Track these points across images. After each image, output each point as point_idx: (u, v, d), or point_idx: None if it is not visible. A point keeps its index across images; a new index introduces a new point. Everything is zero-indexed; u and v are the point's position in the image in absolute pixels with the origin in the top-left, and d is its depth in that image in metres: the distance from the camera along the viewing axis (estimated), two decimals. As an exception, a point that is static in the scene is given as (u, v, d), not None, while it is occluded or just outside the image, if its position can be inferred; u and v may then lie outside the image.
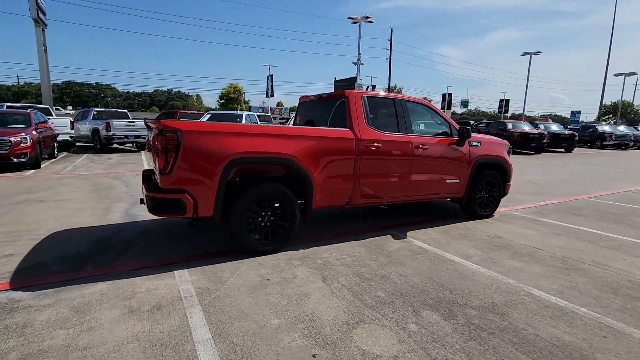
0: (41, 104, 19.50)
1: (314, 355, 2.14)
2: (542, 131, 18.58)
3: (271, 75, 36.04)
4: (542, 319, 2.63)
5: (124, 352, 2.14)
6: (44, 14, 21.73)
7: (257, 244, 3.71)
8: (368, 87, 42.38)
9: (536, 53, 31.19)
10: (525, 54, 31.35)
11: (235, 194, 3.61)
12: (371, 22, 21.59)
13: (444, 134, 5.11)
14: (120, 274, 3.21)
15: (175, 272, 3.28)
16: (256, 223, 3.70)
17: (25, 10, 20.29)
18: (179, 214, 3.38)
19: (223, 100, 47.05)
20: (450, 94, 45.02)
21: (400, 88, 58.87)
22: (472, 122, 26.33)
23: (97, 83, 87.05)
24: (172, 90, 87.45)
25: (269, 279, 3.18)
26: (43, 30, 21.68)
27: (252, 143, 3.56)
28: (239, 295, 2.87)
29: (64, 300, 2.73)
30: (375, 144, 4.29)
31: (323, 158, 3.96)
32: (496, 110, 50.29)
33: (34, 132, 9.41)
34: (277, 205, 3.78)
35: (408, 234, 4.59)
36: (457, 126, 5.15)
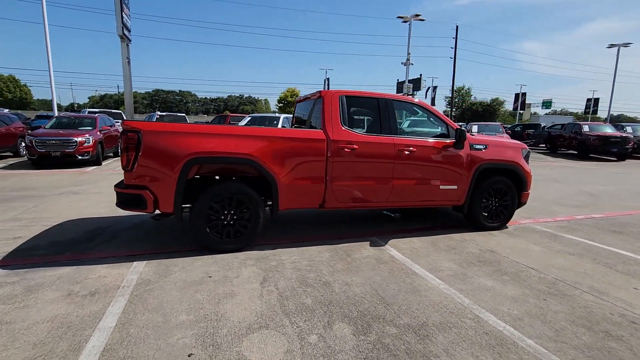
0: (135, 110, 22.25)
1: (189, 355, 2.14)
2: (625, 134, 16.00)
3: (327, 79, 36.51)
4: (468, 347, 2.29)
5: (33, 330, 2.36)
6: (129, 31, 24.71)
7: (219, 242, 3.80)
8: (429, 88, 40.62)
9: (626, 45, 26.86)
10: (611, 45, 27.22)
11: (197, 192, 3.75)
12: (422, 19, 20.57)
13: (441, 136, 4.70)
14: (88, 261, 3.53)
15: (135, 262, 3.51)
16: (218, 221, 3.79)
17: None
18: (141, 209, 3.61)
19: (281, 104, 48.82)
20: (524, 94, 40.95)
21: (468, 88, 55.27)
22: (542, 124, 23.73)
23: (180, 90, 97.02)
24: (243, 95, 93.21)
25: (210, 276, 3.25)
26: (127, 45, 24.68)
27: (211, 143, 3.66)
28: (170, 289, 2.97)
29: (26, 279, 3.09)
30: (351, 146, 4.12)
31: (289, 159, 3.92)
32: (582, 111, 44.48)
33: (97, 133, 10.78)
34: (240, 204, 3.84)
35: (391, 242, 4.32)
36: (462, 128, 4.70)
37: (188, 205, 3.90)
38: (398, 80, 43.31)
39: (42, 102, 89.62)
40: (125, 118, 17.04)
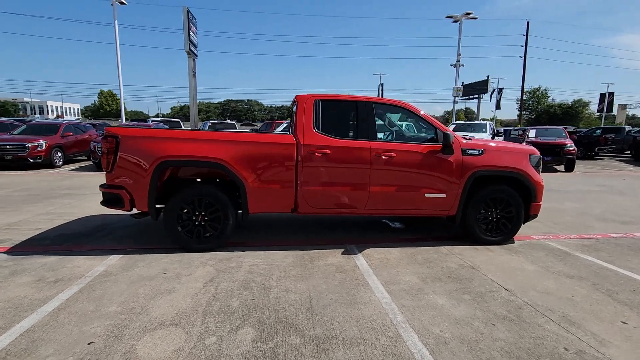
0: (209, 119, 24.42)
1: (89, 343, 2.30)
2: None
3: (381, 84, 35.88)
4: (361, 367, 2.11)
5: (-12, 307, 2.72)
6: (195, 47, 27.10)
7: (190, 242, 3.99)
8: (494, 90, 37.79)
9: None
10: None
11: (170, 193, 3.99)
12: (475, 18, 19.13)
13: (431, 140, 4.38)
14: (75, 252, 3.95)
15: (111, 256, 3.84)
16: (189, 222, 3.99)
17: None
18: (119, 207, 3.95)
19: None
20: (611, 94, 35.83)
21: (545, 89, 50.05)
22: (627, 127, 20.60)
23: (248, 100, 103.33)
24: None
25: (165, 273, 3.43)
26: (193, 59, 27.05)
27: (182, 147, 3.88)
28: (122, 282, 3.21)
29: (17, 264, 3.57)
30: (323, 150, 4.05)
31: (259, 163, 3.98)
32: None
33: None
34: (210, 206, 3.99)
35: (367, 251, 4.13)
36: (449, 131, 4.35)
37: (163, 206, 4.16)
38: (463, 83, 41.06)
39: (134, 112, 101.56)
40: (182, 126, 18.64)
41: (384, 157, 4.14)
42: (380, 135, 4.56)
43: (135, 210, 4.01)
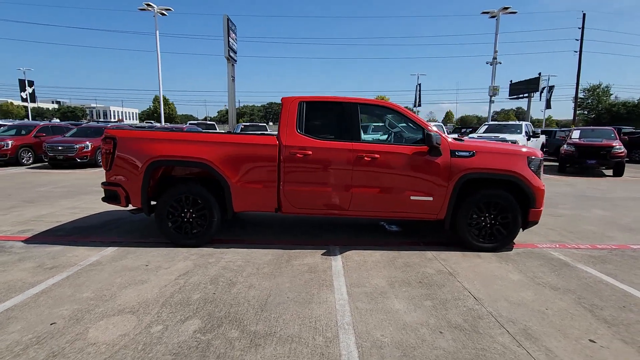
0: (252, 121, 25.53)
1: (51, 323, 2.55)
2: None
3: (419, 85, 34.66)
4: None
5: (-13, 287, 3.10)
6: (235, 53, 28.25)
7: (179, 237, 4.23)
8: (544, 88, 35.31)
9: None
10: None
11: (161, 191, 4.26)
12: (513, 12, 17.82)
13: (419, 142, 4.26)
14: (80, 243, 4.35)
15: (108, 248, 4.18)
16: (178, 218, 4.22)
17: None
18: (117, 203, 4.28)
19: None
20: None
21: (606, 87, 45.62)
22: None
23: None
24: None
25: (147, 265, 3.67)
26: (232, 65, 28.20)
27: (171, 148, 4.12)
28: (106, 272, 3.48)
29: (27, 252, 4.01)
30: (304, 151, 4.10)
31: (242, 163, 4.12)
32: None
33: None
34: (196, 204, 4.20)
35: (348, 253, 4.12)
36: (436, 132, 4.21)
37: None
38: (512, 81, 38.83)
39: (185, 116, 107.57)
40: (216, 129, 19.50)
41: (366, 159, 4.10)
42: (374, 136, 4.53)
43: (131, 207, 4.33)
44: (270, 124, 24.21)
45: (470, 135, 12.78)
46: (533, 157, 4.21)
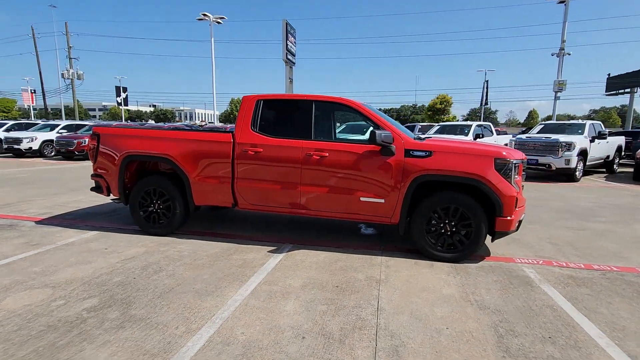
0: None
1: (-14, 289, 3.00)
2: None
3: (487, 82, 31.72)
4: (115, 340, 2.25)
5: (-27, 256, 3.75)
6: (293, 55, 29.17)
7: (147, 226, 4.61)
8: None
9: None
10: None
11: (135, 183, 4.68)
12: None
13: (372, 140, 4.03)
14: (76, 226, 4.97)
15: (93, 232, 4.72)
16: (147, 208, 4.60)
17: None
18: (101, 193, 4.81)
19: (430, 112, 45.45)
20: None
21: None
22: None
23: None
24: (416, 104, 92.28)
25: (107, 249, 4.08)
26: (291, 67, 29.15)
27: (141, 144, 4.50)
28: (70, 251, 3.95)
29: (31, 231, 4.71)
30: (255, 149, 4.17)
31: (200, 159, 4.34)
32: None
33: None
34: (162, 196, 4.53)
35: (296, 252, 4.08)
36: (398, 131, 3.95)
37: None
38: (609, 75, 33.87)
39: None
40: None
41: (315, 157, 4.02)
42: (353, 135, 4.41)
43: (112, 196, 4.82)
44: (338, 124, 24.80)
45: (518, 137, 11.50)
46: (502, 159, 3.70)
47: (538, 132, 11.96)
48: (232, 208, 4.44)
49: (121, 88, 38.65)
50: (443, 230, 3.84)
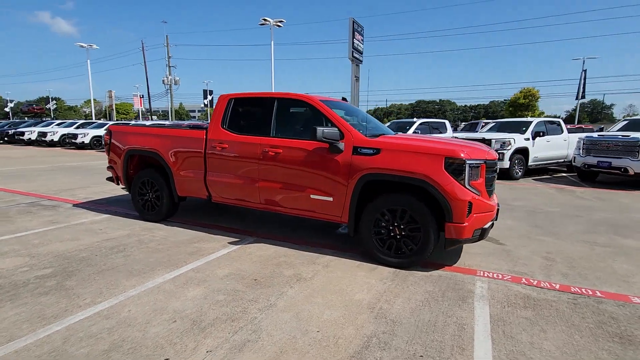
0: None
1: (-12, 253, 3.77)
2: None
3: (584, 71, 26.73)
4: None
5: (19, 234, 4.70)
6: (360, 53, 28.91)
7: (144, 213, 5.19)
8: None
9: None
10: None
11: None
12: None
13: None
14: (96, 210, 5.82)
15: (104, 215, 5.49)
16: (144, 197, 5.18)
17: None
18: (113, 182, 5.56)
19: (511, 108, 39.81)
20: None
21: None
22: None
23: (440, 99, 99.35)
24: (506, 100, 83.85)
25: (101, 230, 4.72)
26: (357, 65, 28.92)
27: (138, 140, 5.09)
28: (71, 230, 4.68)
29: (64, 211, 5.68)
30: (221, 145, 4.41)
31: (180, 154, 4.74)
32: None
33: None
34: (154, 187, 5.06)
35: (253, 245, 4.22)
36: (350, 127, 3.83)
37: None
38: None
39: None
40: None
41: (270, 153, 4.09)
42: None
43: (121, 185, 5.53)
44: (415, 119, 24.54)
45: (587, 135, 9.81)
46: (453, 158, 3.32)
47: (619, 130, 10.06)
48: (209, 200, 4.75)
49: (207, 91, 42.77)
50: (392, 234, 3.60)
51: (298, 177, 3.98)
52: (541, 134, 10.36)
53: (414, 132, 11.71)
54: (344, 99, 5.08)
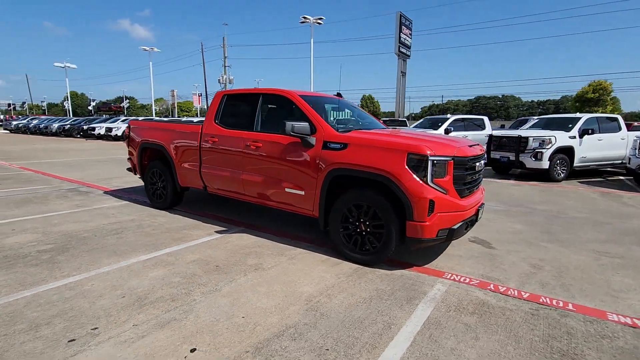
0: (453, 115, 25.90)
1: (12, 229, 4.39)
2: None
3: None
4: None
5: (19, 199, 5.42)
6: (407, 48, 28.02)
7: (154, 200, 5.66)
8: None
9: None
10: None
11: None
12: None
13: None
14: (121, 197, 6.44)
15: (122, 201, 6.06)
16: (154, 186, 5.64)
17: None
18: (131, 172, 6.11)
19: (577, 104, 35.08)
20: None
21: None
22: None
23: (503, 95, 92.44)
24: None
25: (113, 214, 5.24)
26: (404, 60, 28.10)
27: (149, 134, 5.54)
28: (89, 213, 5.25)
29: (94, 196, 6.38)
30: (212, 139, 4.66)
31: (180, 147, 5.09)
32: None
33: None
34: (161, 177, 5.48)
35: (236, 234, 4.42)
36: (323, 122, 3.85)
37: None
38: None
39: (388, 113, 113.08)
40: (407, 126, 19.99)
41: (252, 147, 4.24)
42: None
43: (138, 175, 6.07)
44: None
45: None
46: (416, 154, 3.18)
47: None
48: (204, 191, 5.04)
49: (259, 89, 44.57)
50: (358, 230, 3.56)
51: (275, 171, 4.08)
52: (590, 131, 9.31)
53: (446, 129, 11.17)
54: (338, 94, 5.05)
